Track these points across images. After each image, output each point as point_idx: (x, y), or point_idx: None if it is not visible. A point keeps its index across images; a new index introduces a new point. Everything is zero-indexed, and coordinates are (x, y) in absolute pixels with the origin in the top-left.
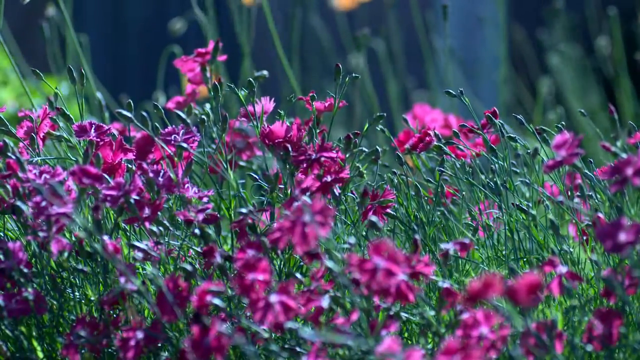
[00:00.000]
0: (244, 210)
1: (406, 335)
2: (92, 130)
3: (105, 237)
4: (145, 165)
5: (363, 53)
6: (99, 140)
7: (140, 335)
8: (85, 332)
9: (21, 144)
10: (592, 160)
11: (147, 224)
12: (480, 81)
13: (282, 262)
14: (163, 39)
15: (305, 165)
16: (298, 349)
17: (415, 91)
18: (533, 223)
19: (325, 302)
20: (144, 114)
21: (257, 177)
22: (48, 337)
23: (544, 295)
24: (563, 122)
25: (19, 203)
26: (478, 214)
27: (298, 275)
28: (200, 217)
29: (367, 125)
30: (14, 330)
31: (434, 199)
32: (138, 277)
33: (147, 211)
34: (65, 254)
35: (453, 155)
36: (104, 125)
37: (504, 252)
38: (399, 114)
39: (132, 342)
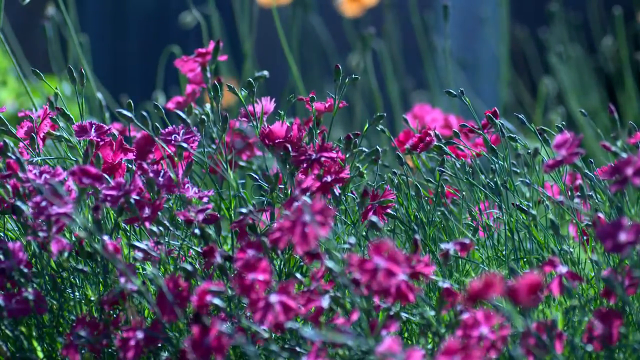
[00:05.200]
0: (244, 210)
1: (406, 335)
2: (93, 130)
3: (106, 237)
4: (145, 165)
5: (365, 53)
6: (99, 140)
7: (140, 335)
8: (85, 332)
9: (21, 144)
10: (592, 160)
11: (147, 224)
12: (480, 81)
13: (282, 262)
14: (163, 39)
15: (305, 165)
16: (298, 349)
17: (415, 91)
18: (533, 223)
19: (325, 302)
20: (144, 113)
21: (257, 177)
22: (48, 337)
23: (544, 295)
24: (563, 122)
25: (19, 203)
26: (478, 214)
27: (298, 275)
28: (200, 217)
29: (367, 126)
30: (14, 330)
31: (434, 199)
32: (138, 277)
33: (147, 211)
34: (65, 254)
35: (453, 155)
36: (104, 125)
37: (504, 252)
38: (399, 114)
39: (132, 342)
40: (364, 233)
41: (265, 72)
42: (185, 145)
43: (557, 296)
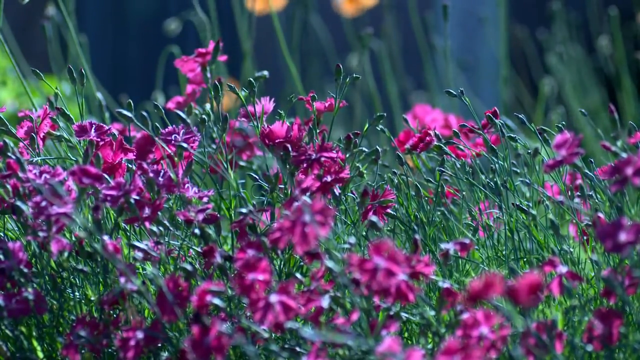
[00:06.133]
0: (244, 210)
1: (406, 335)
2: (92, 130)
3: (105, 237)
4: (145, 165)
5: (365, 53)
6: (99, 140)
7: (140, 335)
8: (85, 332)
9: (21, 144)
10: (592, 160)
11: (147, 223)
12: (480, 81)
13: (282, 262)
14: (163, 39)
15: (305, 165)
16: (298, 349)
17: (415, 91)
18: (533, 223)
19: (325, 302)
20: (144, 113)
21: (257, 177)
22: (48, 337)
23: (544, 295)
24: (564, 122)
25: (19, 203)
26: (478, 214)
27: (298, 275)
28: (200, 217)
29: (367, 125)
30: (14, 330)
31: (434, 199)
32: (138, 277)
33: (147, 211)
34: (65, 254)
35: (453, 155)
36: (104, 125)
37: (504, 252)
38: (399, 114)
39: (132, 342)
40: (364, 233)
41: (265, 72)
42: (185, 145)
43: (557, 296)
